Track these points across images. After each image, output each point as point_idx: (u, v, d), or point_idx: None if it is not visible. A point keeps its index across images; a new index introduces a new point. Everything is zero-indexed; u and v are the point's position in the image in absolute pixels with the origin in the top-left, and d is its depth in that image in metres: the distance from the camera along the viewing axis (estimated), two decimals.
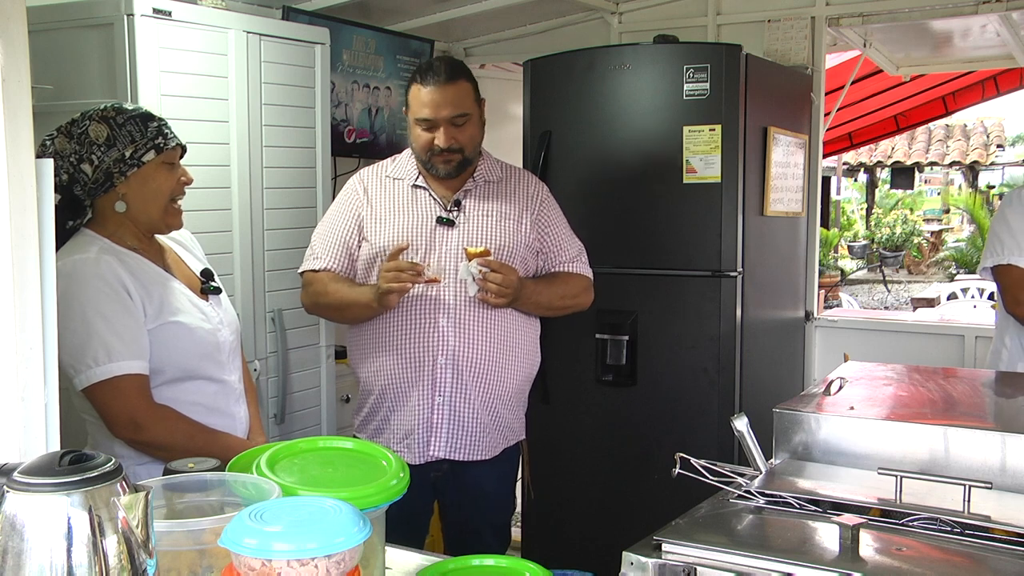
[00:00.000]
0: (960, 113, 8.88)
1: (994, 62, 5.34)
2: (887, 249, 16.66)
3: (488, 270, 2.29)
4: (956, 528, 1.41)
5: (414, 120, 2.39)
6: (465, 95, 2.38)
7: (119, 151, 1.91)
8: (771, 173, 3.34)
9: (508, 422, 2.50)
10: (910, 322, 4.02)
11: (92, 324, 1.83)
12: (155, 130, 1.94)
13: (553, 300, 2.50)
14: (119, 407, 1.85)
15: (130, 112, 1.95)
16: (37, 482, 0.97)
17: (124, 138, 1.91)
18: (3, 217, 1.19)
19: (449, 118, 2.35)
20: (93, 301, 1.84)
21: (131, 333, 1.86)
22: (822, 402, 1.82)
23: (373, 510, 1.27)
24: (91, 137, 1.91)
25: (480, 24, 4.37)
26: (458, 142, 2.37)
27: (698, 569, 1.34)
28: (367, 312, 2.39)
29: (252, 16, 3.06)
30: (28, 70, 1.21)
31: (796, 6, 3.87)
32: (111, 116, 1.93)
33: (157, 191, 1.95)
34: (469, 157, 2.42)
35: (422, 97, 2.36)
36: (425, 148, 2.39)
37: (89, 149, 1.91)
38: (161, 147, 1.94)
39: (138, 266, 1.94)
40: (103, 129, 1.92)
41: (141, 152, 1.92)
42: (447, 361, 2.38)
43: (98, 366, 1.82)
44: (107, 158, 1.90)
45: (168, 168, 1.97)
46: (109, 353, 1.83)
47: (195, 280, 2.09)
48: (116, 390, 1.84)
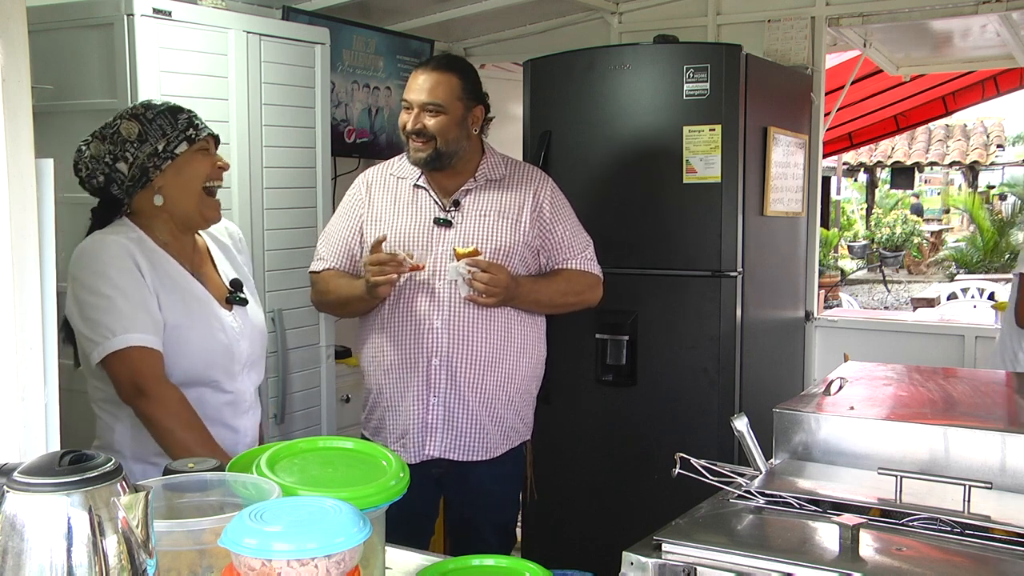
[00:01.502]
0: (960, 113, 8.89)
1: (994, 62, 5.34)
2: (887, 249, 16.65)
3: (477, 270, 2.30)
4: (956, 528, 1.41)
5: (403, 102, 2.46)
6: (446, 88, 2.40)
7: (152, 145, 1.94)
8: (771, 173, 3.34)
9: (511, 422, 2.49)
10: (910, 322, 4.02)
11: (112, 299, 1.87)
12: (185, 121, 1.98)
13: (554, 297, 2.49)
14: (127, 374, 1.88)
15: (159, 107, 1.99)
16: (37, 482, 0.97)
17: (155, 132, 1.95)
18: (3, 217, 1.19)
19: (421, 104, 2.39)
20: (111, 276, 1.89)
21: (146, 309, 1.90)
22: (822, 402, 1.82)
23: (373, 510, 1.27)
24: (123, 135, 1.95)
25: (480, 24, 4.37)
26: (427, 129, 2.39)
27: (698, 569, 1.34)
28: (365, 304, 2.43)
29: (252, 16, 3.06)
30: (28, 70, 1.21)
31: (796, 6, 3.87)
32: (140, 113, 1.97)
33: (193, 178, 1.99)
34: (442, 150, 2.41)
35: (411, 80, 2.44)
36: (401, 127, 2.45)
37: (123, 147, 1.94)
38: (193, 137, 1.97)
39: (161, 263, 1.97)
40: (134, 126, 1.95)
41: (174, 144, 1.95)
42: (441, 362, 2.39)
43: (114, 336, 1.86)
44: (141, 153, 1.94)
45: (203, 155, 2.00)
46: (125, 325, 1.86)
47: (222, 288, 2.09)
48: (127, 358, 1.87)
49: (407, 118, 2.42)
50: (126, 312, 1.87)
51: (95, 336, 1.87)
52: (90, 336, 1.88)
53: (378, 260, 2.28)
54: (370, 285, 2.30)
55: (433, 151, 2.40)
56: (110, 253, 1.91)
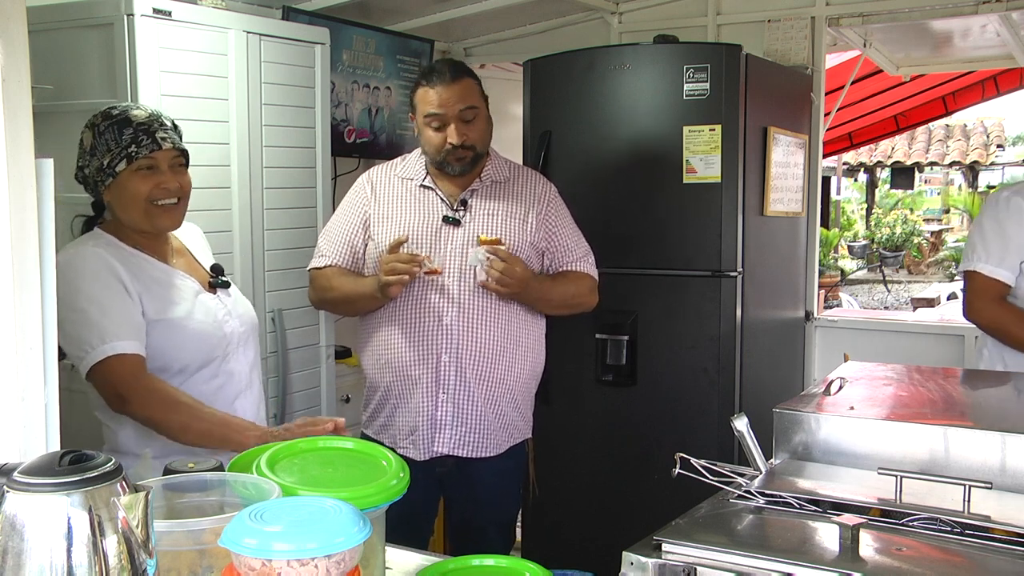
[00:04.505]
0: (960, 113, 8.88)
1: (994, 62, 5.34)
2: (887, 249, 16.65)
3: (496, 258, 2.31)
4: (956, 528, 1.41)
5: (424, 121, 2.40)
6: (471, 90, 2.41)
7: (99, 159, 1.94)
8: (771, 173, 3.34)
9: (514, 419, 2.52)
10: (910, 322, 4.01)
11: (86, 312, 1.87)
12: (129, 138, 1.93)
13: (564, 298, 2.52)
14: (108, 385, 1.89)
15: (114, 117, 1.95)
16: (37, 482, 0.97)
17: (102, 147, 1.94)
18: (3, 217, 1.19)
19: (459, 112, 2.37)
20: (85, 290, 1.89)
21: (122, 315, 1.90)
22: (822, 402, 1.82)
23: (373, 510, 1.27)
24: (83, 144, 1.97)
25: (480, 24, 4.36)
26: (469, 138, 2.39)
27: (698, 569, 1.34)
28: (372, 303, 2.43)
29: (252, 16, 3.06)
30: (28, 70, 1.21)
31: (796, 6, 3.87)
32: (97, 123, 1.96)
33: (133, 198, 1.96)
34: (480, 153, 2.45)
35: (430, 97, 2.38)
36: (439, 148, 2.40)
37: (82, 156, 1.97)
38: (133, 155, 1.93)
39: (139, 264, 1.98)
40: (89, 136, 1.97)
41: (116, 162, 1.93)
42: (451, 359, 2.40)
43: (93, 350, 1.86)
44: (91, 167, 1.96)
45: (144, 174, 1.95)
46: (102, 336, 1.87)
47: (204, 275, 2.12)
48: (106, 370, 1.87)
49: (443, 135, 2.38)
50: (100, 323, 1.87)
51: (78, 351, 1.88)
52: (75, 353, 1.88)
53: (396, 259, 2.28)
54: (382, 284, 2.30)
55: (473, 155, 2.43)
56: (80, 265, 1.91)
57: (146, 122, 1.96)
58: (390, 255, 2.30)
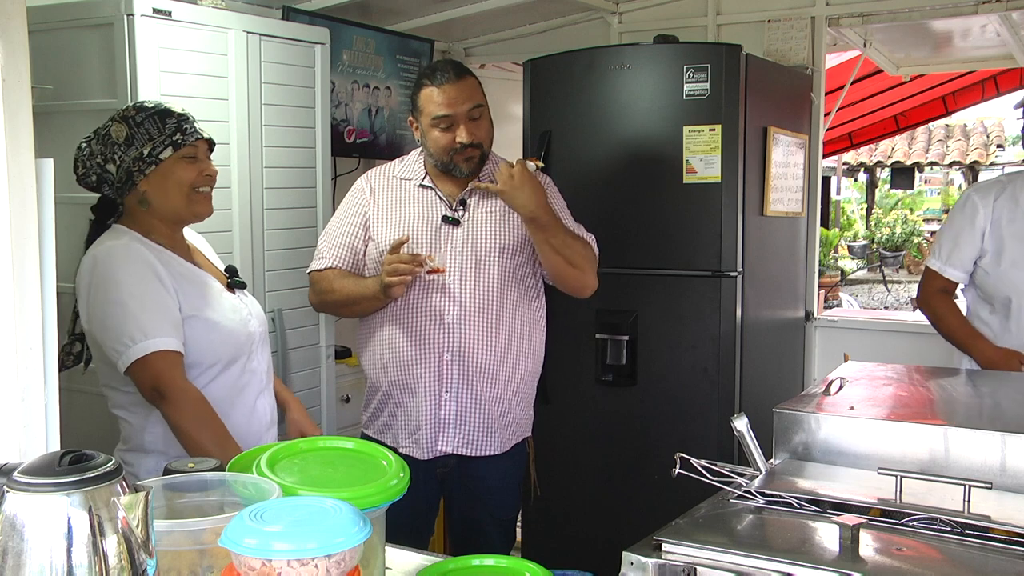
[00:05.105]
0: (960, 113, 8.87)
1: (994, 62, 5.34)
2: (887, 249, 16.65)
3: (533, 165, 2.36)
4: (956, 528, 1.41)
5: (430, 122, 2.39)
6: (476, 89, 2.42)
7: (138, 149, 1.95)
8: (771, 173, 3.34)
9: (516, 418, 2.52)
10: (910, 322, 4.00)
11: (126, 305, 1.89)
12: (173, 126, 1.98)
13: (573, 249, 2.39)
14: (148, 379, 1.90)
15: (149, 110, 1.99)
16: (37, 482, 0.97)
17: (142, 136, 1.96)
18: (3, 217, 1.19)
19: (467, 111, 2.37)
20: (126, 283, 1.91)
21: (162, 310, 1.92)
22: (822, 402, 1.82)
23: (373, 510, 1.27)
24: (113, 137, 1.97)
25: (480, 24, 4.37)
26: (477, 137, 2.40)
27: (698, 569, 1.34)
28: (375, 304, 2.42)
29: (252, 16, 3.06)
30: (28, 70, 1.21)
31: (796, 6, 3.87)
32: (131, 115, 1.98)
33: (178, 184, 1.99)
34: (486, 153, 2.46)
35: (436, 97, 2.37)
36: (447, 148, 2.39)
37: (112, 149, 1.97)
38: (179, 143, 1.98)
39: (168, 260, 2.00)
40: (123, 129, 1.97)
41: (160, 149, 1.96)
42: (453, 357, 2.40)
43: (134, 344, 1.88)
44: (127, 157, 1.96)
45: (188, 162, 2.00)
46: (144, 331, 1.88)
47: (221, 276, 2.15)
48: (148, 364, 1.89)
49: (451, 135, 2.37)
50: (142, 318, 1.89)
51: (117, 345, 1.89)
52: (113, 346, 1.90)
53: (398, 259, 2.28)
54: (384, 284, 2.30)
55: (481, 154, 2.43)
56: (120, 257, 1.93)
57: (184, 113, 2.03)
58: (392, 255, 2.30)
